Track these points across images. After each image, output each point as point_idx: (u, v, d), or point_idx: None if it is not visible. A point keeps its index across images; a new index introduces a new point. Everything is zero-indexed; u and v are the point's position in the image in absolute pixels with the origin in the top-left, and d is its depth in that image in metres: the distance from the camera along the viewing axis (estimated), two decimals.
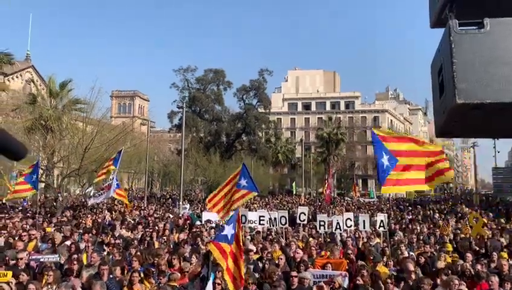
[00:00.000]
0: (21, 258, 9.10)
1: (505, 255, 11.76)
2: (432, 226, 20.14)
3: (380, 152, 8.54)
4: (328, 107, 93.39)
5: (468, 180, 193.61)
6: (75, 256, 10.14)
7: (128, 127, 37.13)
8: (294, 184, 62.21)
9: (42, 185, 29.10)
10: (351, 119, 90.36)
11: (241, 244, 7.21)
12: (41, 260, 9.26)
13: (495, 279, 7.80)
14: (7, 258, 9.34)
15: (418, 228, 19.34)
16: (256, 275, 9.10)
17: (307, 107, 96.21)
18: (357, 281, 8.04)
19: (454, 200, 55.46)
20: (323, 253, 11.91)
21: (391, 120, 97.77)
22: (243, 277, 7.17)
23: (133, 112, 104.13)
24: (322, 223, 15.52)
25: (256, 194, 13.05)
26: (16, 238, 12.36)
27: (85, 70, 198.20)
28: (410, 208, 37.43)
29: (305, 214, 16.87)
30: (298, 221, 16.77)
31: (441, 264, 10.30)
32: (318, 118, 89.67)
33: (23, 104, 28.41)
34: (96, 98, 28.67)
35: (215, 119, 60.58)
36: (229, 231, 7.09)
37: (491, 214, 25.11)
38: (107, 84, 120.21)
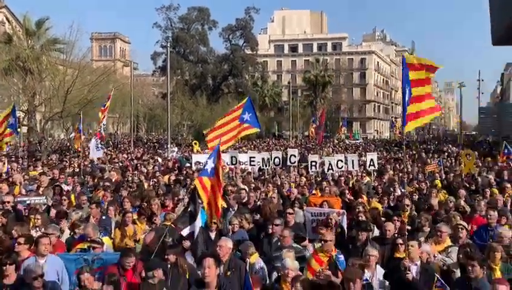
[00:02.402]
0: (8, 202, 8.77)
1: (495, 191, 11.88)
2: (420, 165, 20.35)
3: (405, 83, 7.77)
4: (315, 49, 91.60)
5: (450, 121, 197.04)
6: (63, 198, 9.88)
7: (110, 68, 35.90)
8: (277, 126, 62.05)
9: (25, 129, 28.35)
10: (337, 62, 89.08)
11: (221, 177, 7.11)
12: (28, 202, 8.94)
13: (494, 213, 7.76)
14: None
15: (408, 166, 19.54)
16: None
17: (293, 49, 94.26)
18: (360, 218, 7.93)
19: (438, 140, 56.39)
20: (314, 191, 11.90)
21: (378, 62, 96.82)
22: (219, 209, 7.17)
23: (115, 55, 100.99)
24: (313, 163, 15.45)
25: (258, 130, 12.56)
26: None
27: (61, 12, 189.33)
28: (396, 148, 37.93)
29: (295, 156, 16.78)
30: (289, 163, 16.69)
31: (434, 201, 10.31)
32: (305, 60, 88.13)
33: None
34: (76, 38, 27.42)
35: (201, 61, 59.01)
36: (209, 165, 6.99)
37: (476, 153, 25.45)
38: (86, 26, 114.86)
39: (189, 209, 7.23)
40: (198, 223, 7.00)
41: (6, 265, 5.33)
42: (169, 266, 6.03)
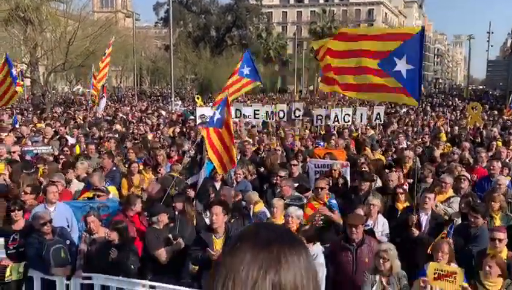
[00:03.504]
0: (14, 152, 8.88)
1: (500, 143, 11.88)
2: (425, 118, 20.27)
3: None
4: (321, 0, 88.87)
5: (457, 75, 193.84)
6: (65, 149, 9.97)
7: (111, 19, 35.21)
8: (279, 80, 61.16)
9: (28, 81, 28.22)
10: (344, 13, 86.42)
11: (231, 129, 7.16)
12: (35, 152, 9.05)
13: (497, 164, 7.80)
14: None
15: (412, 119, 19.48)
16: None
17: None
18: (363, 168, 8.00)
19: (444, 94, 55.82)
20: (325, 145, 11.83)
21: (386, 13, 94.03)
22: (235, 160, 7.24)
23: (116, 6, 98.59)
24: (319, 117, 15.38)
25: (259, 83, 12.35)
26: (6, 134, 12.05)
27: None
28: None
29: (299, 110, 16.69)
30: (293, 117, 16.65)
31: (437, 153, 10.36)
32: (311, 11, 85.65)
33: None
34: None
35: (204, 12, 57.63)
36: (216, 115, 7.05)
37: (486, 106, 25.34)
38: None
39: (196, 159, 7.35)
40: (204, 172, 7.10)
41: (15, 210, 5.47)
42: (176, 213, 6.17)
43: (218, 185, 7.81)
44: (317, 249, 5.18)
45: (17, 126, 13.59)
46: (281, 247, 0.98)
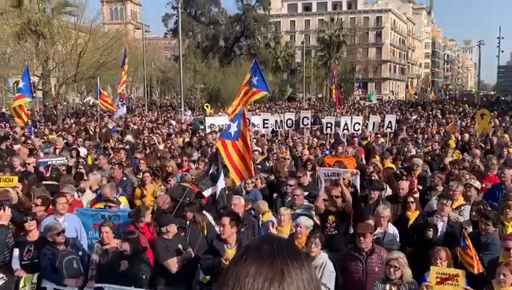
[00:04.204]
0: (29, 164, 9.02)
1: (511, 150, 11.78)
2: (435, 125, 20.15)
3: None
4: (329, 8, 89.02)
5: (468, 81, 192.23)
6: (81, 160, 10.10)
7: (121, 31, 35.68)
8: (287, 87, 60.99)
9: (40, 93, 28.64)
10: (353, 20, 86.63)
11: (248, 141, 7.21)
12: (49, 163, 9.17)
13: (508, 171, 7.72)
14: (12, 162, 9.20)
15: (422, 126, 19.40)
16: (263, 174, 9.09)
17: (307, 8, 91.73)
18: (373, 177, 7.98)
19: (455, 101, 55.42)
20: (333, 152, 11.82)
21: (394, 20, 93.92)
22: (252, 171, 7.27)
23: (125, 18, 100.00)
24: (329, 124, 15.39)
25: (266, 94, 12.35)
26: (20, 146, 12.24)
27: None
28: (412, 109, 37.48)
29: (308, 118, 16.78)
30: (301, 125, 16.72)
31: (447, 161, 10.29)
32: (319, 20, 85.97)
33: (9, 9, 26.78)
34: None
35: (212, 22, 58.16)
36: (233, 128, 7.11)
37: (496, 112, 25.06)
38: None
39: (210, 171, 7.37)
40: (221, 184, 7.12)
41: (28, 221, 5.56)
42: (188, 223, 6.21)
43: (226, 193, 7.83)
44: (325, 257, 5.17)
45: (32, 137, 13.80)
46: (284, 260, 1.03)
